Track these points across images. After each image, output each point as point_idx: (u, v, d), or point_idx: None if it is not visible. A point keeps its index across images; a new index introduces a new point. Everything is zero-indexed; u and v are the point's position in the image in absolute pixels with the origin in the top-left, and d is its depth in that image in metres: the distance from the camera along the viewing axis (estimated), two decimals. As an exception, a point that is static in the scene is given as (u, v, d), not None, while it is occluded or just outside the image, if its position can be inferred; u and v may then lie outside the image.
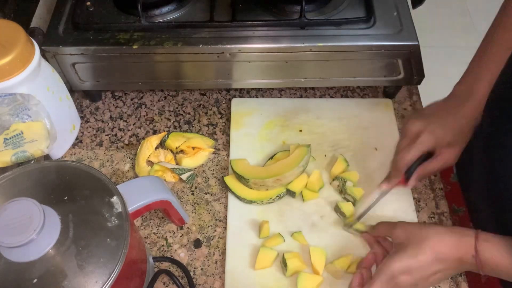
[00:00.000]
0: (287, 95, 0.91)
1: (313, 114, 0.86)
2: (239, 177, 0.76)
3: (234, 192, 0.76)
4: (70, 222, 0.50)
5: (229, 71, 0.83)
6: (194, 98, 0.91)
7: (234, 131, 0.84)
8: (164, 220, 0.76)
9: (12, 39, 0.67)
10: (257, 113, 0.86)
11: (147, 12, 0.81)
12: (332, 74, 0.84)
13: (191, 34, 0.79)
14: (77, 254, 0.48)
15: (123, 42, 0.78)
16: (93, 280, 0.48)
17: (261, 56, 0.80)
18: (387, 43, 0.78)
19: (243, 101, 0.88)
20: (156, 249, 0.73)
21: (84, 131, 0.87)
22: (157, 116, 0.89)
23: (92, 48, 0.78)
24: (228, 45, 0.78)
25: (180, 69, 0.83)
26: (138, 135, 0.86)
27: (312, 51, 0.79)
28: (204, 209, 0.77)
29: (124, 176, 0.81)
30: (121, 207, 0.52)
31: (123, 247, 0.50)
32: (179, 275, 0.71)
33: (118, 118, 0.89)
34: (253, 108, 0.87)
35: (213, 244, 0.74)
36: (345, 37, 0.79)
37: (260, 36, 0.79)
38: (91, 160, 0.83)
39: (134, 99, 0.91)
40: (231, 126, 0.85)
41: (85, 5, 0.82)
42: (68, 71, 0.82)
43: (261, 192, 0.75)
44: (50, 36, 0.79)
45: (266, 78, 0.84)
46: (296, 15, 0.80)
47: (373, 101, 0.89)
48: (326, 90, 0.92)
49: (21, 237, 0.45)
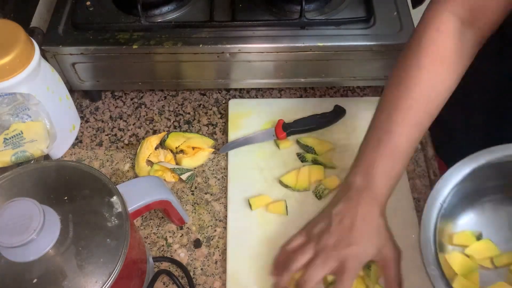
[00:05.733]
0: (287, 95, 0.91)
1: (311, 114, 0.86)
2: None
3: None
4: (70, 222, 0.49)
5: (229, 71, 0.83)
6: (194, 98, 0.91)
7: (232, 133, 0.84)
8: (164, 220, 0.76)
9: (12, 39, 0.67)
10: (255, 114, 0.86)
11: (147, 12, 0.81)
12: (332, 74, 0.84)
13: (191, 34, 0.79)
14: (77, 254, 0.48)
15: (123, 42, 0.78)
16: (93, 280, 0.48)
17: (261, 56, 0.80)
18: (387, 43, 0.78)
19: (240, 102, 0.88)
20: (156, 249, 0.73)
21: (84, 131, 0.87)
22: (157, 116, 0.89)
23: (92, 48, 0.78)
24: (228, 45, 0.78)
25: (180, 69, 0.83)
26: (138, 135, 0.86)
27: (312, 51, 0.79)
28: (204, 209, 0.77)
29: (124, 176, 0.81)
30: (121, 207, 0.52)
31: (123, 247, 0.50)
32: (179, 275, 0.70)
33: (118, 118, 0.89)
34: (250, 109, 0.87)
35: (213, 244, 0.74)
36: (345, 37, 0.79)
37: (260, 36, 0.79)
38: (91, 160, 0.83)
39: (134, 99, 0.91)
40: (229, 128, 0.84)
41: (85, 5, 0.82)
42: (68, 71, 0.82)
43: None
44: (50, 36, 0.79)
45: (266, 78, 0.85)
46: (296, 15, 0.79)
47: (372, 100, 0.88)
48: (326, 90, 0.92)
49: (21, 237, 0.45)
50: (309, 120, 0.83)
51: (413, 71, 0.61)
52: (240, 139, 0.82)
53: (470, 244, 0.65)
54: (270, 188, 0.78)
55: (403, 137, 0.61)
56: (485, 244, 0.65)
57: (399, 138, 0.61)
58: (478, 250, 0.65)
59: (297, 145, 0.82)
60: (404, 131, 0.61)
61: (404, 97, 0.61)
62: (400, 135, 0.61)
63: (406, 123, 0.61)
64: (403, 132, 0.61)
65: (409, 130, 0.61)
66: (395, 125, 0.61)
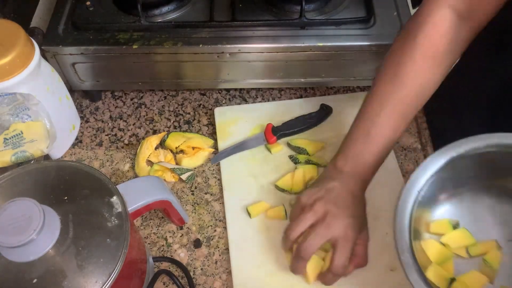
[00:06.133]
0: (287, 95, 0.91)
1: (297, 115, 0.85)
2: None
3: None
4: (70, 222, 0.49)
5: (229, 71, 0.83)
6: (194, 98, 0.91)
7: (221, 142, 0.83)
8: (164, 220, 0.76)
9: (12, 39, 0.67)
10: (242, 120, 0.85)
11: (147, 12, 0.81)
12: (332, 74, 0.84)
13: (191, 34, 0.79)
14: (77, 254, 0.48)
15: (123, 42, 0.78)
16: (93, 280, 0.48)
17: (261, 56, 0.80)
18: (387, 43, 0.78)
19: (226, 110, 0.86)
20: (156, 249, 0.73)
21: (84, 131, 0.87)
22: (157, 116, 0.89)
23: (92, 48, 0.78)
24: (228, 45, 0.78)
25: (180, 69, 0.83)
26: (138, 135, 0.86)
27: (312, 51, 0.79)
28: (204, 209, 0.77)
29: (124, 176, 0.81)
30: (121, 207, 0.52)
31: (123, 247, 0.50)
32: (179, 275, 0.70)
33: (118, 118, 0.89)
34: (237, 115, 0.85)
35: (213, 244, 0.74)
36: (345, 37, 0.79)
37: (260, 36, 0.79)
38: (91, 160, 0.83)
39: (134, 99, 0.91)
40: (218, 137, 0.83)
41: (85, 5, 0.82)
42: (68, 71, 0.82)
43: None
44: (50, 36, 0.79)
45: (266, 78, 0.84)
46: (296, 15, 0.79)
47: (356, 96, 0.88)
48: (326, 90, 0.92)
49: (21, 237, 0.45)
50: (298, 121, 0.83)
51: (407, 66, 0.63)
52: (231, 147, 0.81)
53: (447, 233, 0.66)
54: (266, 194, 0.77)
55: (391, 130, 0.65)
56: (461, 233, 0.66)
57: (388, 131, 0.65)
58: (454, 238, 0.66)
59: (288, 148, 0.82)
60: (391, 124, 0.64)
61: (395, 91, 0.64)
62: (389, 128, 0.64)
63: (395, 116, 0.64)
64: (391, 125, 0.64)
65: (396, 123, 0.65)
66: (384, 118, 0.64)
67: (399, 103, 0.64)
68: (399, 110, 0.64)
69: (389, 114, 0.64)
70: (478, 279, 0.63)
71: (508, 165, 0.63)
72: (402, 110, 0.64)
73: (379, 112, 0.64)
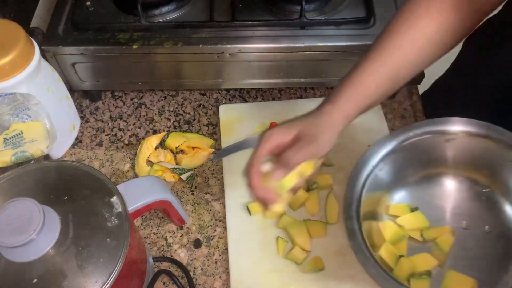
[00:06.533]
0: (287, 95, 0.91)
1: (300, 115, 0.85)
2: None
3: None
4: (70, 222, 0.50)
5: (229, 71, 0.83)
6: (194, 98, 0.91)
7: (225, 139, 0.83)
8: (164, 220, 0.76)
9: (12, 39, 0.67)
10: (246, 118, 0.85)
11: (147, 12, 0.81)
12: (332, 74, 0.84)
13: (191, 34, 0.79)
14: (77, 254, 0.48)
15: (123, 42, 0.78)
16: (93, 280, 0.48)
17: (261, 56, 0.80)
18: (387, 43, 0.78)
19: (231, 108, 0.87)
20: (156, 249, 0.73)
21: (84, 131, 0.87)
22: (157, 116, 0.89)
23: (92, 48, 0.78)
24: (228, 45, 0.78)
25: (180, 69, 0.83)
26: (138, 135, 0.86)
27: (312, 51, 0.79)
28: (204, 209, 0.77)
29: (124, 176, 0.81)
30: (121, 207, 0.52)
31: (123, 247, 0.50)
32: (179, 275, 0.71)
33: (118, 118, 0.89)
34: (241, 114, 0.86)
35: (213, 244, 0.74)
36: (345, 37, 0.79)
37: (260, 36, 0.79)
38: (91, 160, 0.83)
39: (134, 99, 0.91)
40: (221, 134, 0.83)
41: (85, 5, 0.82)
42: (68, 71, 0.82)
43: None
44: (50, 36, 0.79)
45: (266, 78, 0.84)
46: (296, 15, 0.79)
47: None
48: (326, 90, 0.92)
49: (21, 237, 0.45)
50: None
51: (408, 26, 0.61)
52: (233, 145, 0.81)
53: (403, 215, 0.70)
54: None
55: (378, 89, 0.63)
56: (416, 216, 0.70)
57: (375, 89, 0.63)
58: (409, 220, 0.69)
59: None
60: (377, 82, 0.62)
61: (390, 54, 0.62)
62: (375, 87, 0.63)
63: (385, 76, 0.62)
64: (377, 83, 0.62)
65: (386, 84, 0.63)
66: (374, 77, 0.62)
67: (392, 65, 0.62)
68: (391, 68, 0.62)
69: (380, 74, 0.62)
70: (427, 261, 0.66)
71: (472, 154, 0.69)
72: (394, 71, 0.62)
73: (368, 73, 0.62)
